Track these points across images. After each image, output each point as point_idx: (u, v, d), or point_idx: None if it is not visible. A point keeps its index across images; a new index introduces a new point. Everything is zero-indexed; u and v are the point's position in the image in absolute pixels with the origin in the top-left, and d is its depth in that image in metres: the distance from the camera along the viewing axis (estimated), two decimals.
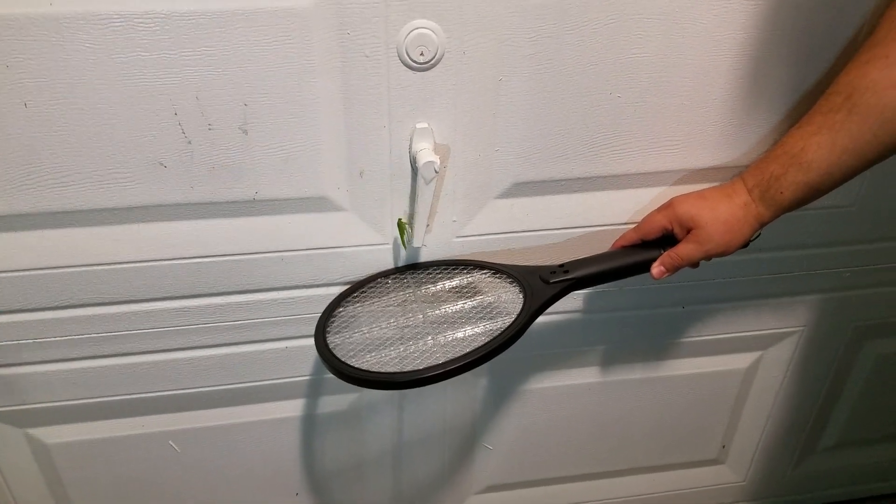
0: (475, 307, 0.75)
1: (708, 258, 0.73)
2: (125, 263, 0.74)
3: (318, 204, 0.74)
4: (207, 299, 0.79)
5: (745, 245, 0.72)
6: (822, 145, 0.64)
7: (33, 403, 0.84)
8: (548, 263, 0.83)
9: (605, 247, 0.84)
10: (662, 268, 0.73)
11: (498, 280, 0.78)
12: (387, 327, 0.74)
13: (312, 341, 0.84)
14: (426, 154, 0.69)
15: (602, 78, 0.71)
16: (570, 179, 0.78)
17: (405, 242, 0.76)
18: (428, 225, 0.77)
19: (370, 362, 0.68)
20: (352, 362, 0.68)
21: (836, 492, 1.25)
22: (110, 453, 0.91)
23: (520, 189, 0.78)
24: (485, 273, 0.79)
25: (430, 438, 0.99)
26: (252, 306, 0.81)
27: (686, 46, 0.71)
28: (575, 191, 0.80)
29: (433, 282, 0.79)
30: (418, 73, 0.67)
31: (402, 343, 0.71)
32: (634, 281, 0.82)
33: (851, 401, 1.11)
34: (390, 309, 0.77)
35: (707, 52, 0.71)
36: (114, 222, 0.72)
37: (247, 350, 0.85)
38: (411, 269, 0.81)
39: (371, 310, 0.77)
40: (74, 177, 0.68)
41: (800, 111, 0.77)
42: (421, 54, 0.66)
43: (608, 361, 0.98)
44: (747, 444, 1.13)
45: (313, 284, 0.81)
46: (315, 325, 0.74)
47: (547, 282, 0.73)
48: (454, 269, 0.81)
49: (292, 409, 0.93)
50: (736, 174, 0.80)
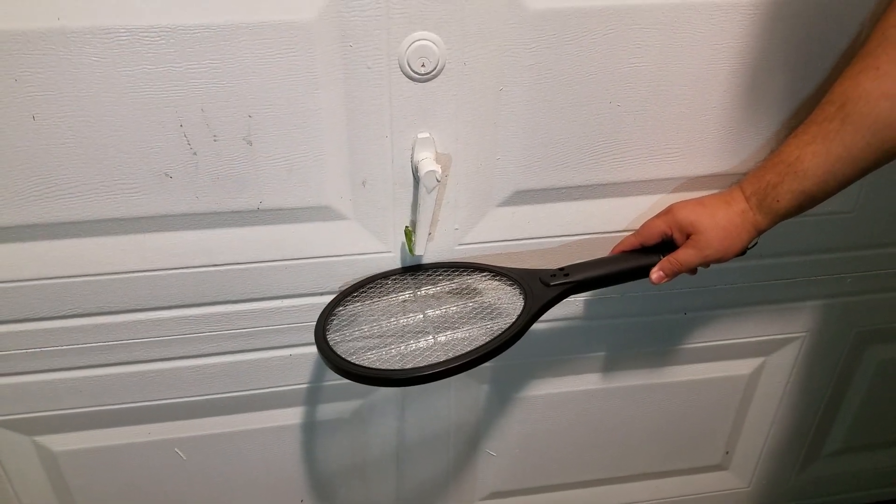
0: (475, 308, 0.75)
1: (706, 264, 0.73)
2: (131, 273, 0.75)
3: (322, 213, 0.75)
4: (212, 308, 0.80)
5: (743, 252, 0.73)
6: (817, 154, 0.64)
7: (40, 411, 0.85)
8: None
9: (606, 253, 0.84)
10: (661, 273, 0.74)
11: (498, 282, 0.78)
12: (387, 326, 0.74)
13: (316, 349, 0.86)
14: (428, 163, 0.70)
15: (602, 87, 0.72)
16: (571, 187, 0.79)
17: (412, 249, 0.77)
18: (430, 233, 0.78)
19: (371, 360, 0.68)
20: (353, 359, 0.68)
21: (841, 497, 1.25)
22: (117, 461, 0.92)
23: (521, 197, 0.79)
24: (485, 275, 0.80)
25: (434, 445, 1.00)
26: (257, 314, 0.82)
27: (685, 55, 0.71)
28: (575, 199, 0.80)
29: (433, 283, 0.80)
30: (420, 84, 0.68)
31: (403, 342, 0.71)
32: (636, 287, 0.83)
33: (854, 406, 1.11)
34: (391, 308, 0.77)
35: (706, 61, 0.72)
36: (120, 232, 0.73)
37: (251, 358, 0.86)
38: (411, 271, 0.81)
39: (371, 309, 0.77)
40: (82, 188, 0.68)
41: (798, 119, 0.78)
42: (422, 65, 0.66)
43: (611, 368, 0.99)
44: (751, 450, 1.13)
45: (317, 293, 0.81)
46: (315, 323, 0.74)
47: (547, 284, 0.74)
48: (454, 271, 0.81)
49: (297, 417, 0.93)
50: (735, 182, 0.80)
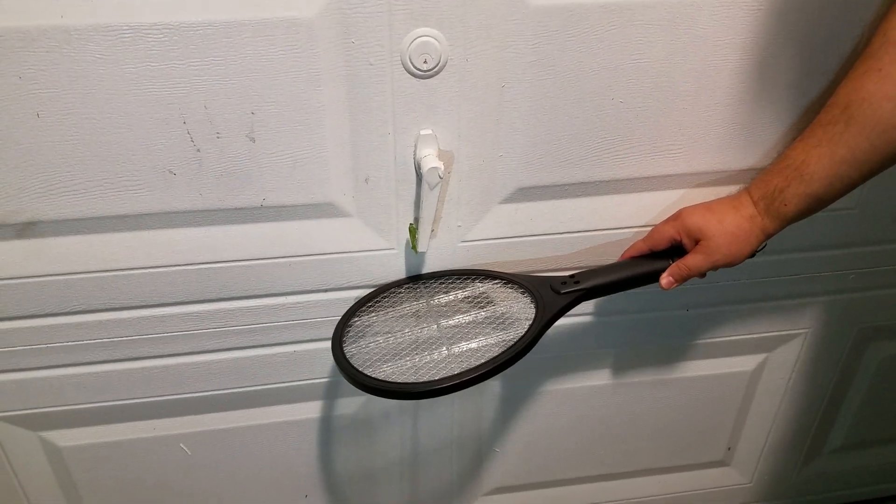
0: (488, 317, 0.76)
1: (715, 269, 0.74)
2: (136, 269, 0.76)
3: (325, 210, 0.75)
4: (217, 304, 0.81)
5: (752, 255, 0.73)
6: (823, 157, 0.65)
7: (46, 407, 0.86)
8: (553, 269, 0.84)
9: (609, 251, 0.84)
10: (671, 278, 0.75)
11: (509, 290, 0.79)
12: (401, 337, 0.75)
13: (321, 345, 0.86)
14: (430, 160, 0.70)
15: (604, 83, 0.72)
16: (574, 184, 0.79)
17: (415, 246, 0.77)
18: (433, 230, 0.78)
19: (386, 372, 0.69)
20: (368, 372, 0.69)
21: (843, 493, 1.25)
22: (122, 456, 0.92)
23: (523, 194, 0.79)
24: (496, 283, 0.80)
25: (440, 439, 1.00)
26: (261, 311, 0.82)
27: (688, 51, 0.71)
28: (578, 195, 0.80)
29: (445, 291, 0.80)
30: (422, 81, 0.68)
31: (418, 353, 0.72)
32: None
33: (857, 402, 1.11)
34: (404, 319, 0.78)
35: (709, 57, 0.72)
36: (124, 229, 0.73)
37: (256, 354, 0.86)
38: (423, 279, 0.82)
39: (386, 319, 0.78)
40: (86, 185, 0.69)
41: (802, 116, 0.78)
42: (424, 62, 0.66)
43: (614, 364, 0.99)
44: (753, 446, 1.13)
45: (320, 289, 0.82)
46: (332, 335, 0.75)
47: (558, 292, 0.74)
48: (466, 279, 0.82)
49: (301, 412, 0.94)
50: (740, 182, 0.81)
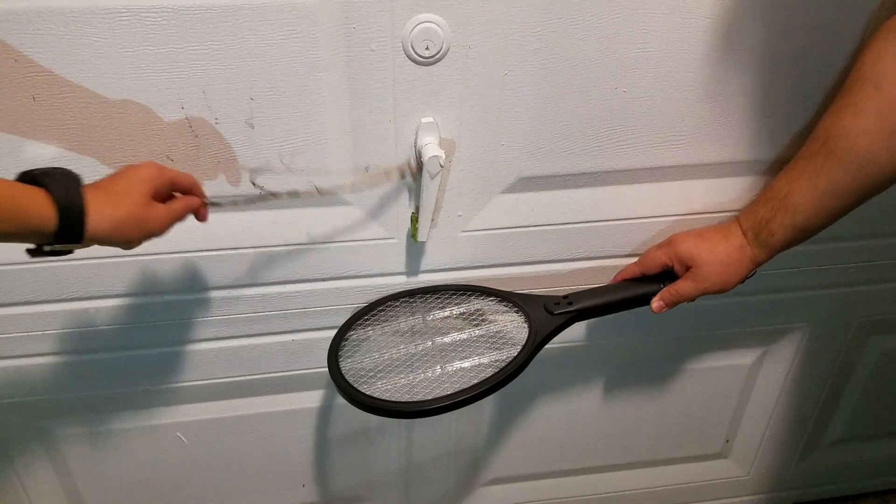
0: (482, 336, 0.76)
1: (704, 294, 0.75)
2: (131, 257, 0.75)
3: (324, 198, 0.74)
4: (214, 293, 0.80)
5: (741, 282, 0.75)
6: (805, 189, 0.66)
7: (43, 395, 0.85)
8: (554, 259, 0.84)
9: (610, 243, 0.84)
10: (662, 302, 0.76)
11: (504, 308, 0.79)
12: (397, 353, 0.75)
13: (319, 334, 0.86)
14: (431, 148, 0.69)
15: (608, 72, 0.71)
16: (576, 174, 0.78)
17: (415, 236, 0.77)
18: (433, 220, 0.77)
19: (381, 390, 0.70)
20: (363, 389, 0.69)
21: (841, 486, 1.25)
22: (119, 444, 0.92)
23: (525, 184, 0.78)
24: (491, 300, 0.81)
25: (438, 429, 1.00)
26: (258, 300, 0.82)
27: (692, 41, 0.70)
28: (580, 186, 0.80)
29: (441, 307, 0.81)
30: (424, 68, 0.67)
31: (412, 371, 0.72)
32: None
33: (856, 396, 1.11)
34: (400, 334, 0.78)
35: (713, 47, 0.71)
36: None
37: (253, 343, 0.86)
38: (420, 293, 0.83)
39: (382, 334, 0.79)
40: (82, 171, 0.67)
41: (808, 107, 0.77)
42: (426, 48, 0.66)
43: (613, 357, 0.98)
44: (751, 439, 1.13)
45: (319, 278, 0.81)
46: (328, 349, 0.75)
47: (551, 312, 0.75)
48: (461, 295, 0.83)
49: (298, 401, 0.93)
50: (744, 173, 0.80)
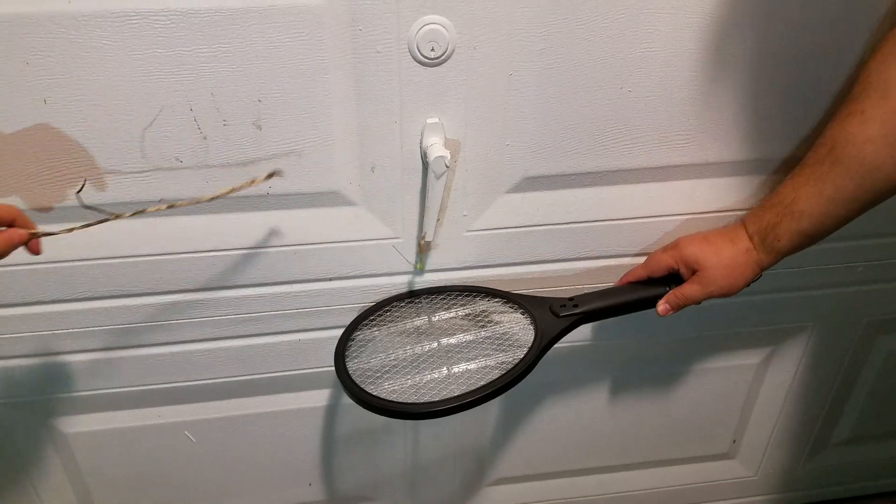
0: (488, 337, 0.77)
1: (710, 298, 0.75)
2: (142, 257, 0.76)
3: (330, 198, 0.75)
4: (222, 292, 0.81)
5: (747, 286, 0.75)
6: (811, 196, 0.67)
7: (53, 394, 0.86)
8: (559, 259, 0.84)
9: (615, 242, 0.84)
10: (667, 305, 0.77)
11: (510, 309, 0.80)
12: (403, 354, 0.76)
13: (325, 333, 0.86)
14: (437, 149, 0.69)
15: (613, 72, 0.71)
16: (581, 174, 0.78)
17: (421, 266, 0.79)
18: (439, 219, 0.78)
19: (387, 390, 0.70)
20: (370, 389, 0.70)
21: (849, 487, 1.25)
22: (128, 443, 0.93)
23: (530, 183, 0.78)
24: (497, 301, 0.81)
25: (444, 429, 1.00)
26: (265, 299, 0.82)
27: (697, 40, 0.70)
28: (585, 185, 0.80)
29: (447, 308, 0.81)
30: (429, 69, 0.68)
31: (419, 372, 0.73)
32: None
33: (864, 396, 1.10)
34: (406, 335, 0.79)
35: (718, 46, 0.71)
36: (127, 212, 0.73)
37: (260, 342, 0.86)
38: (425, 294, 0.83)
39: (388, 335, 0.79)
40: (92, 172, 0.69)
41: (813, 107, 0.77)
42: (432, 50, 0.66)
43: (620, 357, 0.99)
44: (759, 439, 1.13)
45: (325, 278, 0.82)
46: (334, 349, 0.76)
47: (557, 315, 0.76)
48: (467, 296, 0.83)
49: (305, 400, 0.94)
50: (749, 172, 0.80)
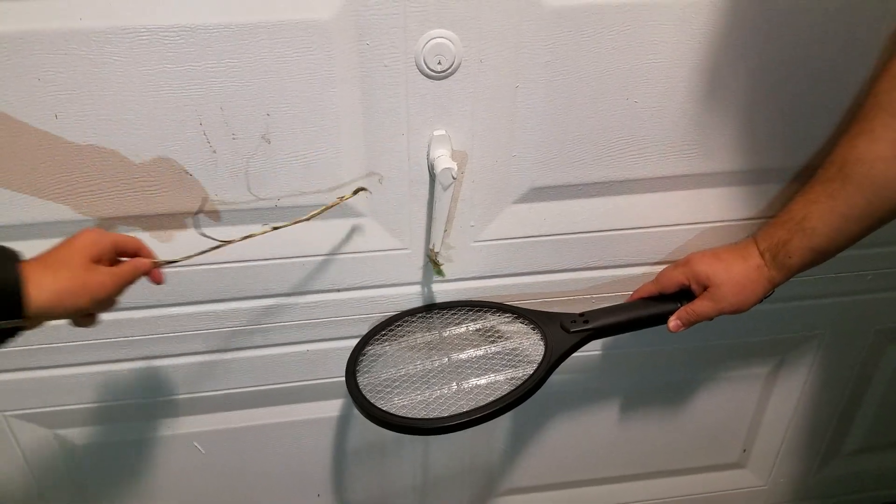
0: (498, 352, 0.77)
1: (722, 314, 0.75)
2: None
3: (338, 210, 0.75)
4: (230, 304, 0.81)
5: (759, 302, 0.74)
6: (823, 213, 0.67)
7: (62, 405, 0.86)
8: (565, 269, 0.84)
9: (622, 252, 0.84)
10: (679, 322, 0.77)
11: (520, 325, 0.80)
12: (413, 369, 0.76)
13: (334, 344, 0.87)
14: (444, 161, 0.70)
15: (618, 84, 0.71)
16: (588, 184, 0.79)
17: (440, 272, 0.79)
18: (446, 230, 0.78)
19: (397, 406, 0.70)
20: (380, 404, 0.70)
21: (860, 496, 1.24)
22: (136, 454, 0.93)
23: (537, 194, 0.78)
24: (507, 317, 0.82)
25: (453, 440, 1.00)
26: (273, 310, 0.83)
27: (702, 51, 0.71)
28: (592, 195, 0.80)
29: (458, 323, 0.82)
30: (436, 82, 0.68)
31: (428, 387, 0.73)
32: None
33: (875, 404, 1.09)
34: (417, 350, 0.79)
35: (723, 57, 0.71)
36: (140, 228, 0.74)
37: (269, 353, 0.87)
38: (437, 309, 0.83)
39: (399, 349, 0.80)
40: (103, 185, 0.70)
41: (819, 117, 0.77)
42: (438, 63, 0.67)
43: (629, 366, 0.98)
44: (769, 448, 1.12)
45: (333, 289, 0.82)
46: (346, 364, 0.76)
47: (567, 331, 0.76)
48: (478, 311, 0.83)
49: (314, 411, 0.94)
50: (756, 182, 0.80)
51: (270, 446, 0.96)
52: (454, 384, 0.73)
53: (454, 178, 0.69)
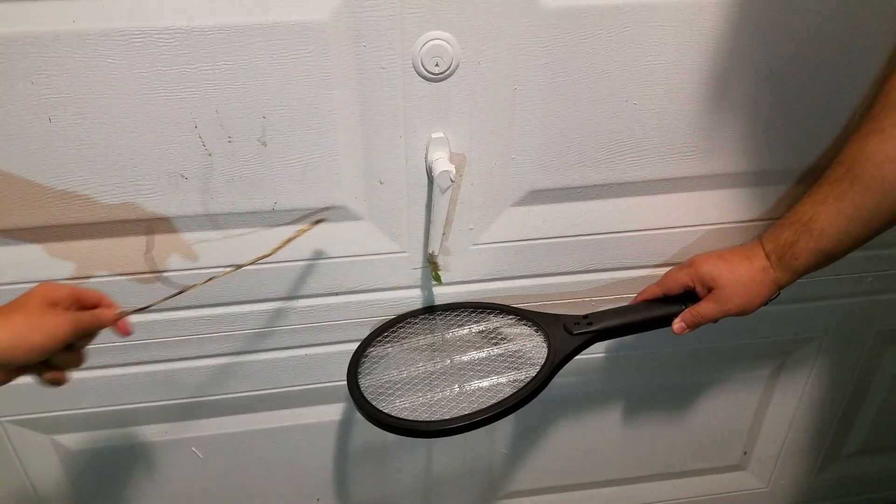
0: (500, 355, 0.76)
1: (727, 316, 0.74)
2: (145, 273, 0.76)
3: (336, 213, 0.75)
4: (227, 308, 0.80)
5: (764, 304, 0.74)
6: (830, 214, 0.66)
7: (60, 410, 0.86)
8: (564, 272, 0.84)
9: (621, 255, 0.84)
10: (683, 324, 0.76)
11: (523, 327, 0.79)
12: (415, 371, 0.76)
13: (332, 348, 0.86)
14: (442, 163, 0.69)
15: (618, 85, 0.71)
16: (587, 187, 0.78)
17: (438, 278, 0.79)
18: (444, 233, 0.77)
19: (399, 408, 0.70)
20: (382, 407, 0.70)
21: (861, 498, 1.23)
22: (134, 459, 0.93)
23: (536, 197, 0.78)
24: (510, 319, 0.81)
25: (455, 443, 1.00)
26: (271, 315, 0.82)
27: (702, 52, 0.70)
28: (591, 198, 0.79)
29: (460, 325, 0.81)
30: (434, 84, 0.67)
31: (430, 389, 0.72)
32: None
33: (875, 406, 1.09)
34: (419, 352, 0.79)
35: (724, 57, 0.71)
36: (137, 233, 0.73)
37: (267, 357, 0.86)
38: (440, 311, 0.83)
39: (401, 351, 0.79)
40: (97, 189, 0.69)
41: (820, 118, 0.76)
42: (436, 65, 0.66)
43: (629, 368, 0.98)
44: (770, 451, 1.12)
45: (331, 293, 0.81)
46: (347, 366, 0.76)
47: (570, 333, 0.75)
48: (480, 313, 0.83)
49: (312, 415, 0.94)
50: (755, 185, 0.79)
51: (269, 451, 0.96)
52: (456, 386, 0.72)
53: (452, 181, 0.69)
